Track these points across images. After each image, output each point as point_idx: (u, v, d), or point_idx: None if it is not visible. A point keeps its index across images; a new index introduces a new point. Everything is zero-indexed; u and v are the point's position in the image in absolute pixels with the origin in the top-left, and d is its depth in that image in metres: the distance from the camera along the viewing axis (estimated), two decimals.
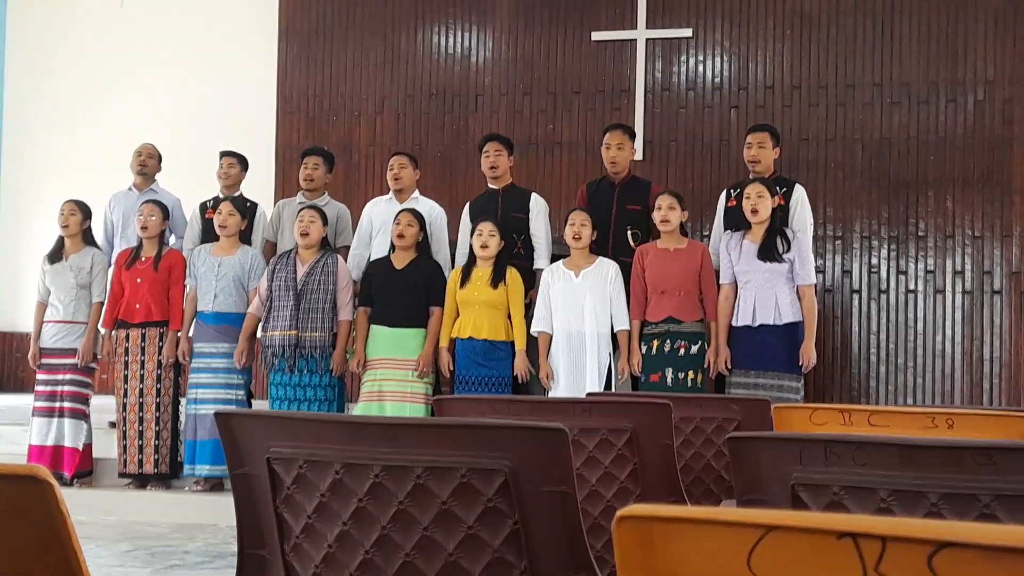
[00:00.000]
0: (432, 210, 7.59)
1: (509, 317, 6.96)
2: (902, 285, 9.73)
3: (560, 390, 6.79)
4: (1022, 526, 0.78)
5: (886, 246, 9.77)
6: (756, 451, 2.01)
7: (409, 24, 10.85)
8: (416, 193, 7.69)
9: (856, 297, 9.80)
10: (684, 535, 0.89)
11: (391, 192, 7.67)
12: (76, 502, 6.97)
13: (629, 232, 7.23)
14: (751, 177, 7.28)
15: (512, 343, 6.92)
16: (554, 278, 6.91)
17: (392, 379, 6.98)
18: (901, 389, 9.66)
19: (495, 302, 6.89)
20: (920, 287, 9.69)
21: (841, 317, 9.80)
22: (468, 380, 6.88)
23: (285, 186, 10.60)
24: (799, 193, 7.16)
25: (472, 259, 7.04)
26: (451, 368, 6.96)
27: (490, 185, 7.58)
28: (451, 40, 10.78)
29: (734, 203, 7.21)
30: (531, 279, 7.18)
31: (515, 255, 7.23)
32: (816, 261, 9.78)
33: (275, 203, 8.96)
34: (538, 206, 7.43)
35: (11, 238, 12.01)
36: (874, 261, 9.79)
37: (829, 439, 1.97)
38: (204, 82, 11.38)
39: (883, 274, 9.77)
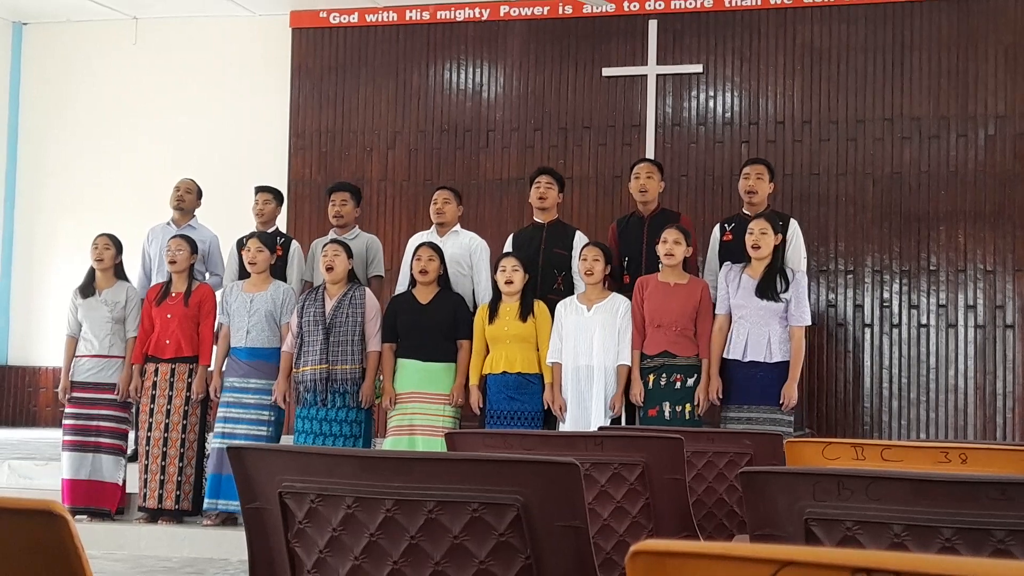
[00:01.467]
0: (473, 242, 7.57)
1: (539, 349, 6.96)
2: (914, 319, 9.70)
3: (567, 424, 6.77)
4: None
5: (898, 280, 9.76)
6: (769, 486, 2.01)
7: (421, 61, 10.91)
8: (458, 226, 7.67)
9: (868, 331, 9.78)
10: (698, 570, 0.88)
11: (433, 227, 7.65)
12: (87, 536, 6.94)
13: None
14: (744, 209, 7.27)
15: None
16: (567, 312, 6.90)
17: (423, 413, 6.95)
18: (914, 424, 9.62)
19: (525, 336, 6.89)
20: (932, 321, 9.67)
21: (853, 351, 9.78)
22: (500, 414, 6.85)
23: (298, 221, 10.64)
24: (794, 228, 7.15)
25: (498, 294, 7.02)
26: (481, 405, 6.94)
27: (536, 218, 7.54)
28: (463, 76, 10.84)
29: (730, 238, 7.19)
30: None
31: (554, 290, 7.20)
32: (826, 295, 9.79)
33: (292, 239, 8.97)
34: (582, 243, 7.31)
35: (25, 276, 12.05)
36: (886, 295, 9.77)
37: (842, 474, 1.96)
38: (217, 119, 11.44)
39: (895, 308, 9.75)
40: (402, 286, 7.44)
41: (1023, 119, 9.65)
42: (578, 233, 7.47)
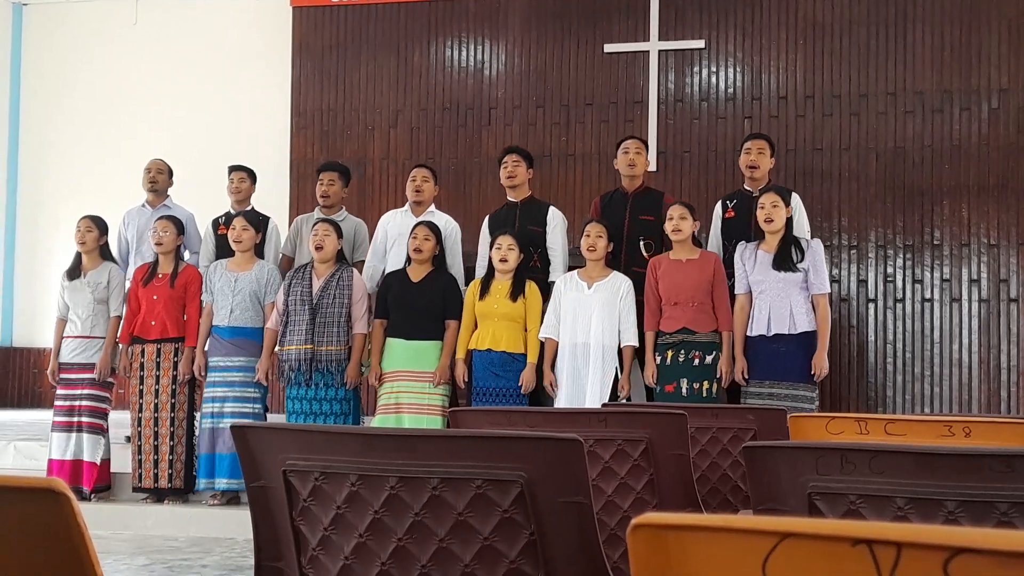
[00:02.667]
0: (447, 224, 7.55)
1: (527, 329, 6.95)
2: (918, 294, 9.70)
3: (561, 401, 6.77)
4: None
5: (901, 255, 9.75)
6: (772, 460, 2.01)
7: (422, 38, 10.88)
8: (432, 207, 7.66)
9: (872, 306, 9.78)
10: (699, 543, 0.89)
11: (407, 205, 7.64)
12: (93, 516, 6.99)
13: (642, 243, 7.18)
14: (745, 185, 7.27)
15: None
16: (567, 287, 6.89)
17: (409, 391, 6.97)
18: (918, 398, 9.63)
19: (513, 315, 6.88)
20: (936, 296, 9.66)
21: (857, 326, 9.78)
22: (485, 391, 6.86)
23: (300, 201, 10.64)
24: (796, 201, 7.15)
25: (491, 272, 7.02)
26: (466, 379, 6.95)
27: (509, 197, 7.53)
28: (464, 54, 10.81)
29: (732, 214, 7.18)
30: (546, 292, 7.14)
31: (531, 268, 7.18)
32: (831, 270, 9.77)
33: (290, 218, 8.96)
34: (555, 219, 7.36)
35: (29, 258, 12.08)
36: (890, 270, 9.76)
37: (846, 448, 1.96)
38: (218, 100, 11.43)
39: (899, 283, 9.74)
40: (371, 265, 7.49)
41: None
42: (551, 208, 7.47)
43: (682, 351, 6.72)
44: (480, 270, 7.27)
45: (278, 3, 11.26)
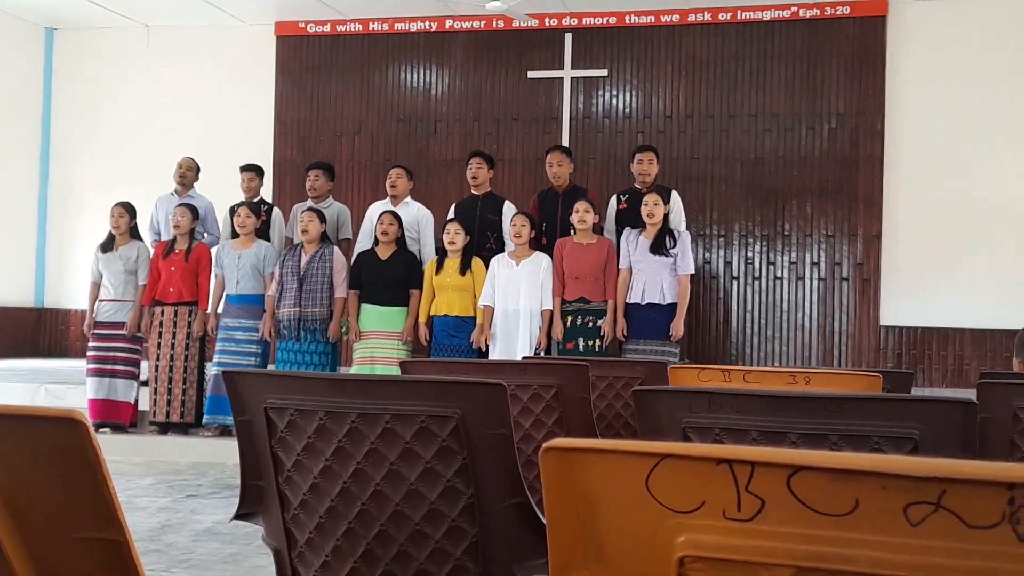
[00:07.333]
0: (420, 212, 7.51)
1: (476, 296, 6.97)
2: (771, 273, 9.83)
3: (495, 354, 6.82)
4: (857, 454, 0.79)
5: (759, 242, 9.87)
6: (655, 402, 2.02)
7: (382, 63, 10.77)
8: (408, 198, 7.60)
9: (735, 283, 9.90)
10: (596, 463, 0.89)
11: (388, 198, 7.59)
12: (109, 445, 6.88)
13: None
14: (636, 184, 7.32)
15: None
16: (499, 266, 6.94)
17: (382, 347, 6.98)
18: (770, 354, 9.78)
19: (463, 286, 6.91)
20: (785, 275, 9.80)
21: (724, 298, 9.90)
22: (442, 347, 6.92)
23: (280, 193, 10.51)
24: (675, 197, 7.25)
25: (444, 252, 7.03)
26: (428, 339, 6.96)
27: (472, 191, 7.50)
28: (415, 76, 10.72)
29: (624, 206, 7.26)
30: None
31: (488, 249, 7.19)
32: (703, 254, 9.88)
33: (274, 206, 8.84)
34: (509, 211, 7.33)
35: (57, 236, 11.80)
36: (750, 254, 9.88)
37: (713, 392, 1.98)
38: (215, 109, 11.23)
39: (757, 264, 9.86)
40: (362, 245, 7.41)
41: (858, 116, 9.77)
42: (507, 202, 7.47)
43: (579, 316, 6.81)
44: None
45: (265, 32, 11.07)
